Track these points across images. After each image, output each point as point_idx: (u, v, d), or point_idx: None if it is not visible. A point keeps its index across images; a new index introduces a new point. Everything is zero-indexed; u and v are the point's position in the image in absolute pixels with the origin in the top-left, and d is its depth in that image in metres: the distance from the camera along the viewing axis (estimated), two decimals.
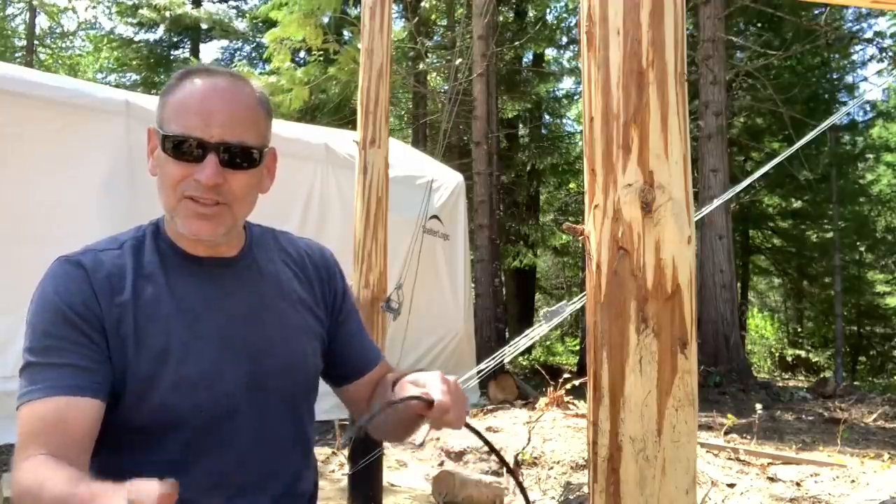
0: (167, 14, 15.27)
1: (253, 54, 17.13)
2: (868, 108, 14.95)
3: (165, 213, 1.07)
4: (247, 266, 1.13)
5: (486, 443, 1.04)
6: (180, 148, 0.99)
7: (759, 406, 5.24)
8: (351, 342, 1.24)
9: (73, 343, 0.96)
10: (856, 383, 12.10)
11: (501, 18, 12.91)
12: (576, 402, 4.90)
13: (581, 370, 6.55)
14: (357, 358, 1.24)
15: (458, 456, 4.00)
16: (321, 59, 9.55)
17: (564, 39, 14.19)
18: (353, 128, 5.15)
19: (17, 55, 17.00)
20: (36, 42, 17.65)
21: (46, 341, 0.96)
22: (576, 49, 14.06)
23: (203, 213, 1.01)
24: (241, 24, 16.86)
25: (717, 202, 4.32)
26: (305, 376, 1.15)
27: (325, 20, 8.77)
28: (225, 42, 17.75)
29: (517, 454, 3.93)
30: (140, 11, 15.74)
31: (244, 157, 1.02)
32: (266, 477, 1.07)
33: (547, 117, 16.57)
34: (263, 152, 1.06)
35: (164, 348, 1.00)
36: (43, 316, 0.98)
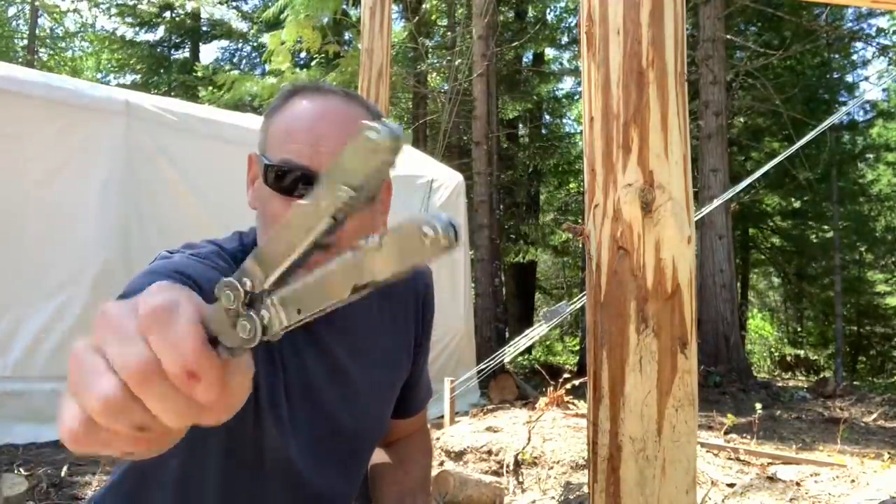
0: (168, 14, 15.27)
1: (254, 54, 17.14)
2: (868, 108, 14.96)
3: None
4: (342, 311, 1.00)
5: None
6: (284, 180, 0.85)
7: (759, 406, 5.23)
8: (409, 383, 1.14)
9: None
10: (856, 383, 12.08)
11: (501, 18, 12.91)
12: (576, 402, 4.89)
13: (581, 370, 6.54)
14: (403, 400, 1.13)
15: (458, 456, 4.00)
16: (323, 60, 9.55)
17: (564, 39, 14.22)
18: None
19: (17, 55, 17.00)
20: (37, 43, 17.64)
21: (150, 278, 0.77)
22: (576, 49, 14.05)
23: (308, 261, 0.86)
24: (241, 25, 16.87)
25: (717, 202, 4.32)
26: (372, 439, 1.08)
27: (325, 20, 8.77)
28: (225, 42, 17.78)
29: (517, 454, 3.92)
30: (139, 7, 15.71)
31: None
32: None
33: (547, 117, 16.58)
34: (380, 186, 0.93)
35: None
36: (151, 276, 0.78)
